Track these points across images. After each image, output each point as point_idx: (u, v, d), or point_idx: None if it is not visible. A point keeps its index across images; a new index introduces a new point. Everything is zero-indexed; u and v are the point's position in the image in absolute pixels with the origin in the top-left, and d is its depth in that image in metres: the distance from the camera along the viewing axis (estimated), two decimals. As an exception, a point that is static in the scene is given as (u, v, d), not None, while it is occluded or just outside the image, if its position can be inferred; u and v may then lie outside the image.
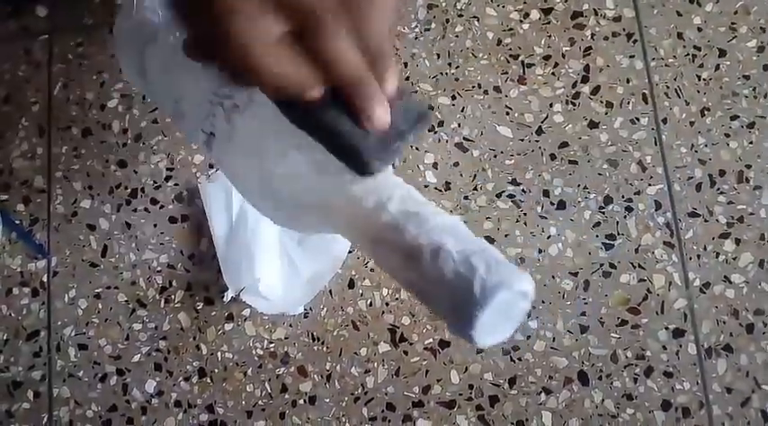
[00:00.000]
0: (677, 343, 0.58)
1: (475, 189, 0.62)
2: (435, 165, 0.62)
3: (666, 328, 0.58)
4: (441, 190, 0.62)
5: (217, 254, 0.60)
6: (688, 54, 0.64)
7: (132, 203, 0.63)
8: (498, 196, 0.61)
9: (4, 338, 0.61)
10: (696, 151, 0.61)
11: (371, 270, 0.60)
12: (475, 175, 0.61)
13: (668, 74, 0.63)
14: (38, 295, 0.61)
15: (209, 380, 0.59)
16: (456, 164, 0.62)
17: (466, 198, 0.61)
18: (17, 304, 0.61)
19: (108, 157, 0.64)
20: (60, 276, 0.62)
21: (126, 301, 0.61)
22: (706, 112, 0.62)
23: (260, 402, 0.59)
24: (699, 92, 0.63)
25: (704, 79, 0.63)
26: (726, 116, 0.62)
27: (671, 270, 0.59)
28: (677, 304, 0.59)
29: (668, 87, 0.63)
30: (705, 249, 0.60)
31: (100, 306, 0.61)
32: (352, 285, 0.60)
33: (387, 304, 0.60)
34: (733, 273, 0.59)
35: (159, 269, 0.61)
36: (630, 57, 0.64)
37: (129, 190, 0.63)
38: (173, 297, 0.61)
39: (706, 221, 0.60)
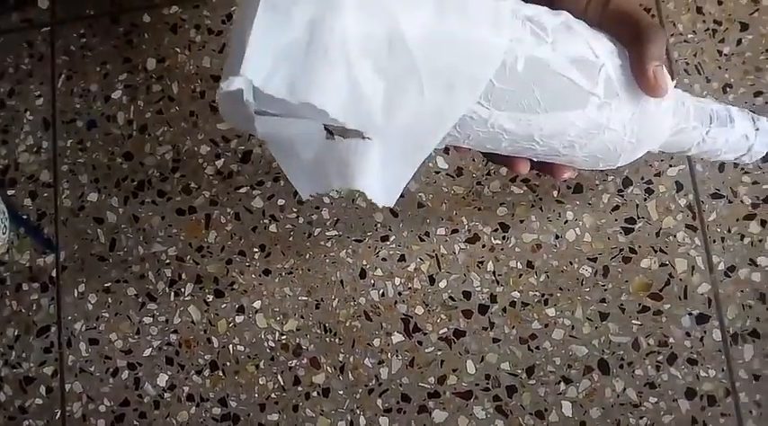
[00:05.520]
0: (701, 329, 0.56)
1: (488, 174, 0.60)
2: (447, 151, 0.60)
3: (690, 314, 0.56)
4: (453, 177, 0.60)
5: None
6: (708, 29, 0.61)
7: (139, 195, 0.62)
8: (512, 181, 0.60)
9: (16, 334, 0.60)
10: (718, 130, 0.59)
11: (383, 259, 0.59)
12: (487, 160, 0.60)
13: (688, 50, 0.61)
14: (47, 290, 0.61)
15: (221, 373, 0.58)
16: (468, 149, 0.60)
17: (479, 183, 0.60)
18: (27, 299, 0.61)
19: (113, 150, 0.63)
20: (69, 270, 0.61)
21: (135, 295, 0.60)
22: (728, 89, 0.60)
23: (273, 394, 0.58)
24: (720, 68, 0.60)
25: (726, 55, 0.61)
26: (749, 92, 0.59)
27: (694, 253, 0.57)
28: (701, 288, 0.57)
29: (688, 64, 0.60)
30: (729, 231, 0.57)
31: (109, 301, 0.60)
32: (363, 275, 0.59)
33: (399, 293, 0.58)
34: (759, 256, 0.56)
35: (168, 261, 0.60)
36: (648, 33, 0.61)
37: (135, 183, 0.62)
38: (182, 289, 0.60)
39: (730, 202, 0.58)
